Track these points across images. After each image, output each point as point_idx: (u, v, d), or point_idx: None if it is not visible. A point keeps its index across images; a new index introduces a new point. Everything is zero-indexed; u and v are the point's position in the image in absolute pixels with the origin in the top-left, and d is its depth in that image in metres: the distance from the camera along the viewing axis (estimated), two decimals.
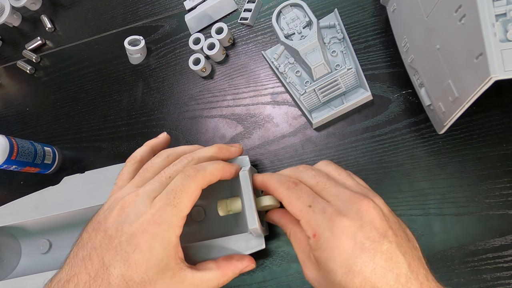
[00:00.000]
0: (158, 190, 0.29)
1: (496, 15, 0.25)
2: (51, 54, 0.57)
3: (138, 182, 0.31)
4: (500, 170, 0.35)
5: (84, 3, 0.58)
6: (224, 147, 0.34)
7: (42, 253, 0.42)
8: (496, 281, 0.33)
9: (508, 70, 0.24)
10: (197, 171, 0.30)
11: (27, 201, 0.39)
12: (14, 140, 0.45)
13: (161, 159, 0.32)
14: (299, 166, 0.32)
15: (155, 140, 0.36)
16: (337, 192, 0.28)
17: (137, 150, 0.35)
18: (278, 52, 0.42)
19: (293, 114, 0.43)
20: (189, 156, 0.32)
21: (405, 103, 0.39)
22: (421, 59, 0.34)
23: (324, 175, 0.30)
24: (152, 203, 0.28)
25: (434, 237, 0.35)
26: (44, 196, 0.39)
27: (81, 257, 0.28)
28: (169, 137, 0.37)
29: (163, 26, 0.52)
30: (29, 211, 0.39)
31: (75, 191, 0.39)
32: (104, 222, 0.29)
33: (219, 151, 0.33)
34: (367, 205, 0.26)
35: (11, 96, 0.57)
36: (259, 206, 0.32)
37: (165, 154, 0.33)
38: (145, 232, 0.27)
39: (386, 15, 0.41)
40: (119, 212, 0.29)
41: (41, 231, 0.42)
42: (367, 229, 0.25)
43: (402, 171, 0.37)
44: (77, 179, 0.39)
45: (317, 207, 0.27)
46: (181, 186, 0.29)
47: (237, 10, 0.49)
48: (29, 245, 0.43)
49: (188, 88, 0.48)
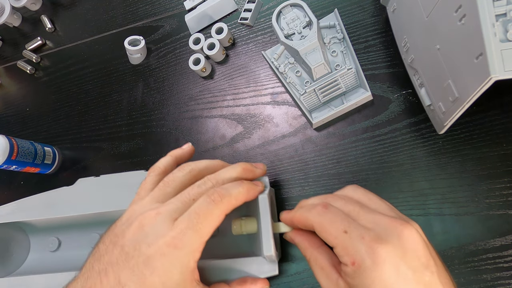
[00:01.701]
0: (180, 211, 0.28)
1: (496, 15, 0.25)
2: (51, 54, 0.57)
3: (159, 196, 0.30)
4: (500, 170, 0.35)
5: (84, 3, 0.58)
6: (249, 169, 0.33)
7: (51, 251, 0.42)
8: (496, 281, 0.33)
9: (508, 70, 0.24)
10: (222, 196, 0.29)
11: (41, 199, 0.39)
12: (14, 140, 0.45)
13: (183, 173, 0.32)
14: (326, 195, 0.30)
15: (180, 151, 0.35)
16: (373, 218, 0.26)
17: (160, 160, 0.34)
18: (278, 52, 0.42)
19: (293, 114, 0.43)
20: (213, 179, 0.31)
21: (405, 103, 0.39)
22: (421, 59, 0.34)
23: (355, 202, 0.28)
24: (174, 224, 0.28)
25: (434, 237, 0.35)
26: (57, 196, 0.39)
27: (97, 270, 0.28)
28: (193, 148, 0.36)
29: (163, 26, 0.52)
30: (42, 209, 0.39)
31: (89, 194, 0.38)
32: (121, 237, 0.28)
33: (244, 172, 0.32)
34: (409, 231, 0.25)
35: (11, 96, 0.57)
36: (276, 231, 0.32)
37: (187, 168, 0.32)
38: (164, 255, 0.27)
39: (386, 15, 0.40)
40: (138, 229, 0.28)
41: (51, 229, 0.42)
42: (410, 257, 0.24)
43: (402, 171, 0.37)
44: (91, 182, 0.39)
45: (354, 233, 0.25)
46: (205, 211, 0.28)
47: (237, 10, 0.49)
48: (38, 241, 0.43)
49: (188, 88, 0.48)
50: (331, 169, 0.39)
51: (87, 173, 0.49)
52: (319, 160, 0.40)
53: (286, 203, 0.40)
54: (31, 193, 0.51)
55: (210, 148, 0.45)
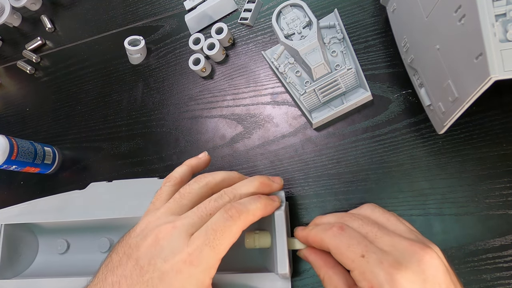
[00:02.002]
0: (196, 226, 0.28)
1: (496, 15, 0.25)
2: (51, 54, 0.57)
3: (174, 209, 0.30)
4: (500, 170, 0.35)
5: (84, 3, 0.58)
6: (266, 183, 0.32)
7: (59, 253, 0.42)
8: (496, 281, 0.33)
9: (508, 70, 0.24)
10: (240, 213, 0.28)
11: (51, 202, 0.39)
12: (14, 140, 0.45)
13: (200, 186, 0.31)
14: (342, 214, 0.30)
15: (196, 160, 0.34)
16: (392, 241, 0.26)
17: (176, 170, 0.33)
18: (278, 52, 0.42)
19: (293, 114, 0.43)
20: (230, 193, 0.30)
21: (405, 103, 0.39)
22: (421, 59, 0.34)
23: (373, 223, 0.28)
24: (190, 240, 0.27)
25: (434, 237, 0.35)
26: (68, 199, 0.39)
27: (110, 282, 0.27)
28: (209, 158, 0.35)
29: (163, 26, 0.52)
30: (53, 212, 0.39)
31: (100, 199, 0.38)
32: (136, 249, 0.28)
33: (261, 186, 0.31)
34: (429, 256, 0.24)
35: (11, 96, 0.57)
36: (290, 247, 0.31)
37: (204, 180, 0.31)
38: (180, 272, 0.26)
39: (386, 15, 0.41)
40: (153, 243, 0.27)
41: (60, 231, 0.42)
42: (430, 285, 0.23)
43: (402, 171, 0.37)
44: (103, 187, 0.39)
45: (372, 257, 0.25)
46: (222, 227, 0.27)
47: (237, 10, 0.49)
48: (47, 243, 0.43)
49: (188, 88, 0.48)
50: (331, 169, 0.39)
51: (87, 173, 0.49)
52: (319, 160, 0.40)
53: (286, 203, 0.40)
54: (31, 193, 0.51)
55: (210, 148, 0.45)
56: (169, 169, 0.45)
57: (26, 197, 0.51)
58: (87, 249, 0.41)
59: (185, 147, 0.46)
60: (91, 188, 0.39)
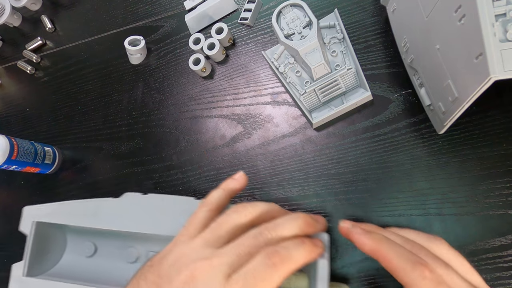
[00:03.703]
0: (234, 266, 0.26)
1: (496, 15, 0.25)
2: (51, 54, 0.57)
3: (211, 240, 0.28)
4: (500, 170, 0.35)
5: (84, 3, 0.58)
6: (310, 223, 0.29)
7: (86, 256, 0.41)
8: (496, 281, 0.33)
9: (508, 70, 0.24)
10: (283, 260, 0.26)
11: (84, 205, 0.38)
12: (14, 140, 0.45)
13: (239, 217, 0.29)
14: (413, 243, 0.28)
15: (233, 184, 0.33)
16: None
17: (213, 195, 0.32)
18: (278, 52, 0.42)
19: (293, 114, 0.43)
20: (272, 231, 0.28)
21: (405, 103, 0.39)
22: (421, 59, 0.34)
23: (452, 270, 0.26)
24: (228, 282, 0.25)
25: None
26: (102, 206, 0.38)
27: None
28: (247, 179, 0.33)
29: (163, 26, 0.52)
30: (85, 216, 0.38)
31: (134, 211, 0.37)
32: (168, 283, 0.26)
33: (305, 227, 0.29)
34: None
35: (11, 96, 0.58)
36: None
37: (243, 212, 0.29)
38: None
39: (386, 15, 0.40)
40: (188, 280, 0.26)
41: (90, 234, 0.41)
42: None
43: (402, 171, 0.37)
44: (138, 198, 0.37)
45: None
46: (263, 275, 0.25)
47: (237, 10, 0.49)
48: (75, 244, 0.42)
49: (188, 88, 0.48)
50: (331, 169, 0.40)
51: (88, 173, 0.49)
52: (319, 160, 0.40)
53: (286, 203, 0.40)
54: (31, 193, 0.51)
55: (210, 148, 0.45)
56: (169, 169, 0.45)
57: (26, 197, 0.51)
58: (113, 256, 0.41)
59: (185, 147, 0.46)
60: (126, 198, 0.38)
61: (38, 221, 0.39)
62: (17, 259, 0.39)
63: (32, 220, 0.39)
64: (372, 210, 0.37)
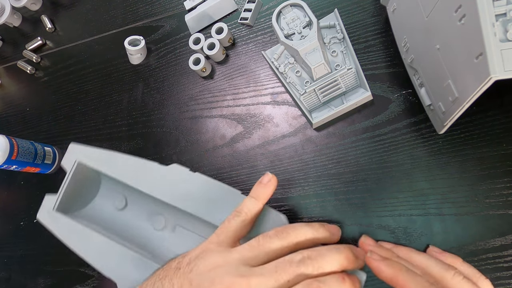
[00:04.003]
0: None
1: (496, 15, 0.25)
2: (51, 54, 0.57)
3: (249, 259, 0.27)
4: (500, 170, 0.35)
5: (84, 3, 0.58)
6: (352, 260, 0.28)
7: (116, 208, 0.41)
8: (496, 281, 0.33)
9: (508, 70, 0.24)
10: None
11: (130, 162, 0.38)
12: (14, 140, 0.45)
13: (281, 243, 0.28)
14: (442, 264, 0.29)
15: (266, 191, 0.32)
16: None
17: (246, 204, 0.31)
18: (278, 52, 0.42)
19: (293, 114, 0.43)
20: (316, 264, 0.27)
21: (405, 103, 0.39)
22: (421, 59, 0.34)
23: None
24: None
25: (434, 237, 0.35)
26: (146, 167, 0.37)
27: None
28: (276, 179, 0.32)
29: (163, 26, 0.52)
30: (126, 173, 0.38)
31: (176, 183, 0.36)
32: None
33: (346, 264, 0.28)
34: None
35: (12, 96, 0.58)
36: None
37: (287, 238, 0.28)
38: None
39: (386, 15, 0.40)
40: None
41: (124, 187, 0.41)
42: None
43: (402, 171, 0.37)
44: (184, 174, 0.36)
45: None
46: None
47: (237, 10, 0.49)
48: (108, 192, 0.42)
49: (188, 88, 0.48)
50: (331, 169, 0.39)
51: None
52: (319, 160, 0.40)
53: (286, 203, 0.40)
54: (31, 193, 0.51)
55: (210, 148, 0.45)
56: None
57: (26, 197, 0.51)
58: (141, 217, 0.41)
59: (185, 147, 0.46)
60: (172, 168, 0.37)
61: (81, 162, 0.39)
62: (17, 259, 0.39)
63: (75, 159, 0.40)
64: (372, 210, 0.37)
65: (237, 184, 0.42)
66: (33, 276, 0.48)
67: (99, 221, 0.40)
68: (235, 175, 0.43)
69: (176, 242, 0.39)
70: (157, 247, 0.39)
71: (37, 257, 0.49)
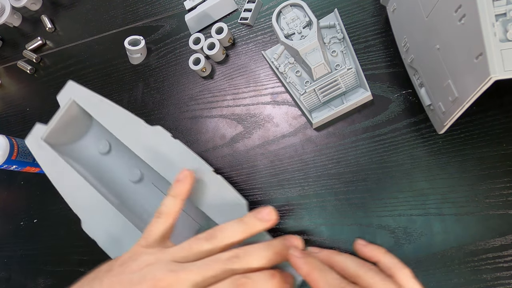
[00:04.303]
0: (198, 285, 0.27)
1: (496, 15, 0.25)
2: (51, 54, 0.57)
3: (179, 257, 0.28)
4: (500, 170, 0.35)
5: (84, 3, 0.58)
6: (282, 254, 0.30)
7: (100, 152, 0.43)
8: (496, 281, 0.33)
9: (508, 70, 0.24)
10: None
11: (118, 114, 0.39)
12: (14, 140, 0.45)
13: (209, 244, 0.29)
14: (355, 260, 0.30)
15: (182, 187, 0.32)
16: None
17: (165, 203, 0.32)
18: (278, 52, 0.42)
19: (293, 114, 0.43)
20: (243, 259, 0.28)
21: (405, 103, 0.39)
22: (421, 59, 0.34)
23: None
24: None
25: (434, 237, 0.35)
26: (133, 124, 0.38)
27: None
28: (191, 174, 0.33)
29: (163, 26, 0.52)
30: (114, 123, 0.39)
31: (157, 147, 0.37)
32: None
33: (275, 259, 0.29)
34: None
35: (11, 96, 0.58)
36: None
37: (215, 242, 0.29)
38: None
39: (386, 15, 0.41)
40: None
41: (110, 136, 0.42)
42: None
43: (402, 171, 0.37)
44: (166, 138, 0.37)
45: None
46: None
47: (237, 10, 0.49)
48: (94, 136, 0.44)
49: (188, 88, 0.48)
50: (331, 169, 0.39)
51: None
52: (319, 160, 0.40)
53: (286, 203, 0.40)
54: (31, 193, 0.51)
55: (210, 148, 0.45)
56: None
57: (26, 197, 0.51)
58: (120, 166, 0.43)
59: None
60: (156, 130, 0.37)
61: (75, 100, 0.41)
62: (17, 259, 0.39)
63: (70, 97, 0.41)
64: (372, 210, 0.37)
65: (237, 184, 0.42)
66: (33, 276, 0.48)
67: (81, 161, 0.42)
68: (235, 175, 0.43)
69: (146, 197, 0.42)
70: (127, 197, 0.41)
71: (37, 257, 0.49)
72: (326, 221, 0.38)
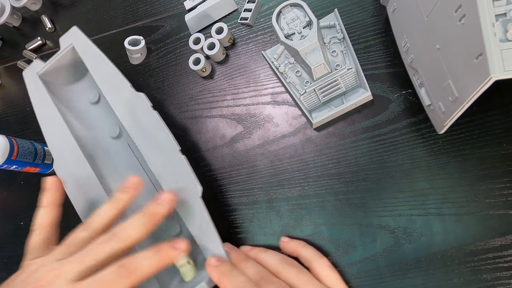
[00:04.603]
0: (81, 274, 0.27)
1: (496, 15, 0.25)
2: (51, 54, 0.57)
3: (60, 256, 0.29)
4: (500, 170, 0.35)
5: (84, 3, 0.58)
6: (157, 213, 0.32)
7: (90, 101, 0.46)
8: (496, 281, 0.33)
9: (508, 70, 0.24)
10: (129, 272, 0.28)
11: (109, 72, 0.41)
12: (14, 140, 0.45)
13: (88, 233, 0.30)
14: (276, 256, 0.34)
15: (50, 196, 0.34)
16: None
17: (39, 216, 0.33)
18: (278, 52, 0.42)
19: (293, 114, 0.43)
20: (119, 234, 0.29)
21: (405, 103, 0.39)
22: (421, 59, 0.34)
23: None
24: (74, 286, 0.27)
25: (434, 237, 0.35)
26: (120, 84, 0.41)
27: None
28: (57, 181, 0.35)
29: (163, 26, 0.52)
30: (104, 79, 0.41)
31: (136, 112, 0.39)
32: None
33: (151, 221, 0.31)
34: None
35: (11, 96, 0.58)
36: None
37: (91, 228, 0.31)
38: None
39: (386, 15, 0.41)
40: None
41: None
42: None
43: (402, 171, 0.37)
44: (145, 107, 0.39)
45: None
46: (110, 284, 0.27)
47: (237, 10, 0.49)
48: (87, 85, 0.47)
49: (188, 88, 0.48)
50: (331, 169, 0.39)
51: None
52: (319, 160, 0.40)
53: (286, 203, 0.40)
54: (31, 193, 0.51)
55: (210, 148, 0.45)
56: None
57: (26, 197, 0.51)
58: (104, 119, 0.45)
59: (185, 147, 0.46)
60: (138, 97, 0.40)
61: (74, 47, 0.43)
62: (17, 259, 0.39)
63: (72, 42, 0.44)
64: (372, 210, 0.37)
65: (237, 184, 0.42)
66: None
67: (70, 104, 0.45)
68: (235, 175, 0.43)
69: (120, 155, 0.44)
70: (103, 150, 0.44)
71: None
72: (326, 221, 0.38)
